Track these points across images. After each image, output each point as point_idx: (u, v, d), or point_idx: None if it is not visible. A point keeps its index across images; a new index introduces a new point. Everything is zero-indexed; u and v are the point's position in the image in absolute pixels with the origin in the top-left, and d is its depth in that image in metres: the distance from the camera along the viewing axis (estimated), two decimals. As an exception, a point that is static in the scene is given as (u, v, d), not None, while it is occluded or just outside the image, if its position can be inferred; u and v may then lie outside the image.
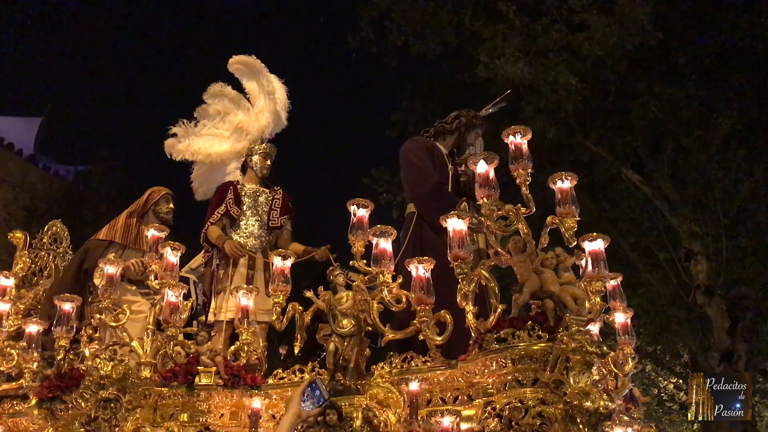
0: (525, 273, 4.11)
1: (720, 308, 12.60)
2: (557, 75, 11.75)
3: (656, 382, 17.53)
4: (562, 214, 4.24)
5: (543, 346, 3.86)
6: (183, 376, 4.63)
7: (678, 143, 12.76)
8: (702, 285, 12.67)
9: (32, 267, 6.67)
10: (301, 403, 3.39)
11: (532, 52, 12.22)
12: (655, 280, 13.87)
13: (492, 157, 4.30)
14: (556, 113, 12.43)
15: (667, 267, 13.54)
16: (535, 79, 11.96)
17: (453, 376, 4.24)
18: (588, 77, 12.31)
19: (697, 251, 12.74)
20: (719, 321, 12.57)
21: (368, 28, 13.94)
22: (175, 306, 4.63)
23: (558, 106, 12.20)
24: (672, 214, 12.92)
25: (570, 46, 12.05)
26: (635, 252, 14.03)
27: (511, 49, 12.07)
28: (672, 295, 13.49)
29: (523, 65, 11.94)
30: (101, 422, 4.37)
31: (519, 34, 12.27)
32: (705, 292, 12.64)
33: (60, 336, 4.78)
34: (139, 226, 6.05)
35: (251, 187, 6.29)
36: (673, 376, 17.06)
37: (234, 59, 6.56)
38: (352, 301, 4.48)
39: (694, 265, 12.79)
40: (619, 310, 5.17)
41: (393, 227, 4.59)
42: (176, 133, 6.70)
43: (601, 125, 13.06)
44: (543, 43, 12.13)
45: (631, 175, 13.17)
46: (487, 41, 12.48)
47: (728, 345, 12.47)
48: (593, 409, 3.64)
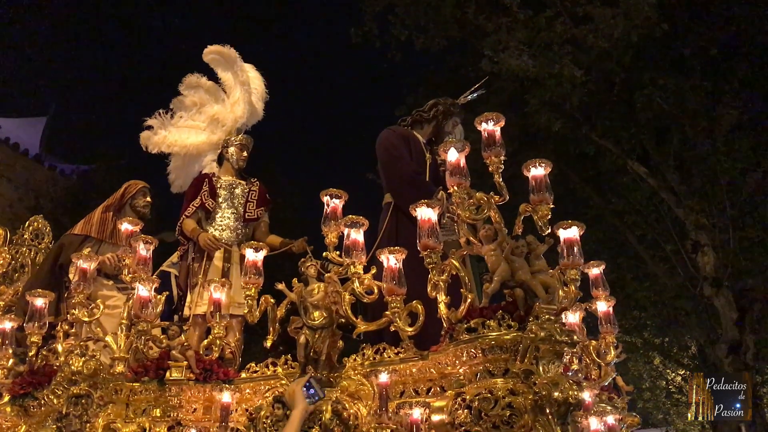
0: (496, 262, 4.03)
1: (728, 300, 12.49)
2: (562, 68, 11.70)
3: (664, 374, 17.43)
4: (536, 202, 4.16)
5: (513, 336, 3.78)
6: (154, 371, 4.59)
7: (684, 135, 12.69)
8: (709, 277, 12.57)
9: (13, 263, 6.59)
10: (305, 397, 3.44)
11: (537, 45, 12.17)
12: (661, 272, 13.77)
13: (463, 145, 4.23)
14: (561, 106, 12.42)
15: (673, 259, 13.43)
16: (540, 72, 11.92)
17: (425, 368, 4.18)
18: (593, 70, 12.27)
19: (704, 243, 12.64)
20: (727, 312, 12.47)
21: (371, 23, 13.96)
22: (146, 300, 4.58)
23: (563, 99, 12.19)
24: (678, 206, 12.81)
25: (574, 39, 12.00)
26: (642, 244, 13.98)
27: (515, 42, 12.06)
28: (679, 287, 13.39)
29: (527, 58, 11.91)
30: (72, 418, 4.33)
31: (523, 27, 12.24)
32: (712, 283, 12.53)
33: (32, 332, 4.76)
34: (115, 221, 5.95)
35: (227, 180, 6.24)
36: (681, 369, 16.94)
37: (209, 49, 6.50)
38: (324, 293, 4.43)
39: (701, 257, 12.69)
40: (601, 299, 5.06)
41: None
42: (152, 125, 6.65)
43: (606, 118, 13.00)
44: (547, 35, 12.08)
45: (637, 167, 13.07)
46: (491, 35, 12.46)
47: (736, 337, 12.36)
48: (562, 399, 3.56)
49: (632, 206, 13.62)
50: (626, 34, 11.44)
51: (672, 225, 13.29)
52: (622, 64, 12.36)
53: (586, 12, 11.65)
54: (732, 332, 12.40)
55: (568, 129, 12.78)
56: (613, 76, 12.59)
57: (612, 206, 13.85)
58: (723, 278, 12.52)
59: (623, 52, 12.08)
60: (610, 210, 13.88)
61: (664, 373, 17.55)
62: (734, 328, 12.39)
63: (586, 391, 4.31)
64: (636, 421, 5.45)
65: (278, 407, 4.13)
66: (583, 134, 13.02)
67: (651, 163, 13.13)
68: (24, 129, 21.84)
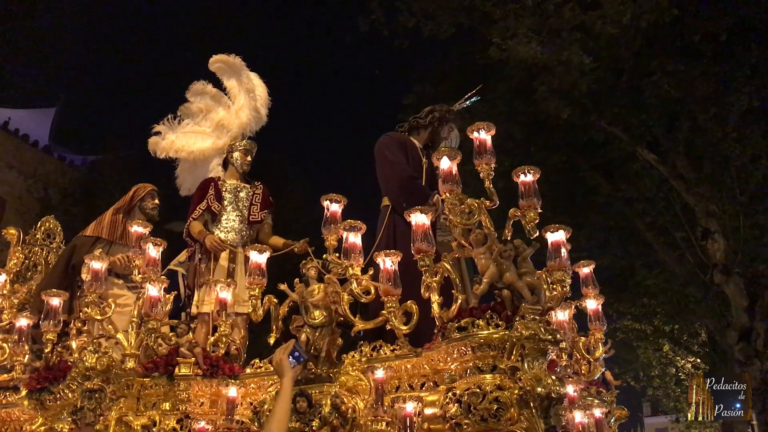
0: (485, 264, 4.22)
1: (738, 286, 12.58)
2: (570, 55, 11.75)
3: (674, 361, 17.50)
4: (525, 207, 4.33)
5: (500, 335, 3.97)
6: (164, 367, 4.84)
7: (694, 121, 12.69)
8: (719, 263, 12.66)
9: (26, 262, 6.81)
10: (290, 365, 3.60)
11: (545, 32, 12.21)
12: (671, 259, 13.86)
13: (455, 154, 4.42)
14: (570, 93, 12.42)
15: (683, 246, 13.53)
16: (548, 59, 11.98)
17: (419, 364, 4.38)
18: (602, 56, 12.27)
19: (714, 230, 12.71)
20: (737, 299, 12.56)
21: (379, 11, 13.94)
22: (155, 300, 4.81)
23: (572, 86, 12.19)
24: (688, 193, 12.87)
25: (583, 25, 12.00)
26: (651, 231, 14.04)
27: (523, 29, 12.09)
28: (689, 274, 13.49)
29: (535, 45, 11.97)
30: (87, 412, 4.58)
31: (531, 14, 12.27)
32: (722, 270, 12.63)
33: (47, 330, 5.00)
34: (125, 222, 6.22)
35: (232, 183, 6.42)
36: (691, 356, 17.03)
37: (214, 58, 6.68)
38: (324, 293, 4.64)
39: (711, 244, 12.76)
40: (590, 297, 5.25)
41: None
42: (160, 131, 6.88)
43: (615, 104, 13.00)
44: (556, 22, 12.10)
45: (647, 154, 13.13)
46: (499, 22, 12.47)
47: (747, 323, 12.46)
48: (545, 393, 3.79)
49: (642, 193, 13.68)
50: (635, 20, 11.47)
51: (682, 212, 13.36)
52: (631, 51, 12.38)
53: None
54: (742, 319, 12.50)
55: (577, 116, 12.80)
56: (622, 62, 12.61)
57: (621, 193, 13.88)
58: (733, 265, 12.62)
59: (632, 39, 12.10)
60: (619, 197, 13.92)
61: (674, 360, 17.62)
62: (744, 314, 12.50)
63: (570, 385, 4.51)
64: (624, 413, 5.62)
65: (280, 401, 4.34)
66: (592, 121, 13.06)
67: (660, 149, 13.18)
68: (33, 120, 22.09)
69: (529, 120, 13.48)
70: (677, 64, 12.18)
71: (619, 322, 16.15)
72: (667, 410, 20.82)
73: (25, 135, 20.84)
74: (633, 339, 16.52)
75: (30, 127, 21.18)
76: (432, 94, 14.40)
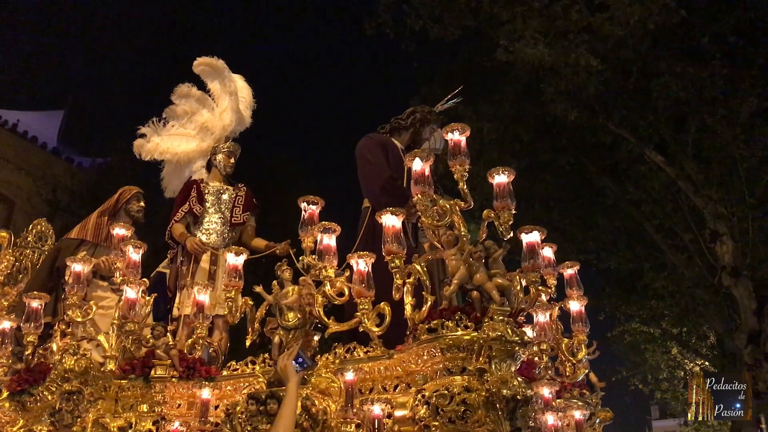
0: (456, 266, 4.22)
1: (746, 289, 12.48)
2: (578, 56, 11.72)
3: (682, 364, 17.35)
4: (499, 208, 4.32)
5: (470, 336, 3.97)
6: (140, 369, 4.86)
7: (702, 123, 12.58)
8: (728, 266, 12.55)
9: (17, 265, 6.86)
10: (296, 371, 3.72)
11: (552, 34, 12.19)
12: (679, 262, 13.78)
13: (428, 155, 4.42)
14: (578, 95, 12.43)
15: (692, 248, 13.43)
16: (556, 61, 11.94)
17: (392, 366, 4.37)
18: (609, 58, 12.26)
19: (723, 232, 12.62)
20: (746, 302, 12.46)
21: (386, 13, 13.97)
22: (133, 302, 4.85)
23: (579, 88, 12.20)
24: (696, 195, 12.79)
25: (590, 27, 11.98)
26: (659, 234, 13.96)
27: (530, 31, 12.07)
28: (697, 276, 13.41)
29: (543, 47, 11.92)
30: (65, 413, 4.61)
31: (538, 16, 12.25)
32: (731, 273, 12.53)
33: (28, 332, 5.05)
34: (110, 225, 6.24)
35: (215, 185, 6.47)
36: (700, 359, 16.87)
37: (198, 61, 6.74)
38: (297, 295, 4.65)
39: (719, 246, 12.67)
40: (574, 298, 5.23)
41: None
42: (145, 133, 6.93)
43: (623, 106, 13.02)
44: (563, 24, 12.12)
45: (655, 156, 13.06)
46: (506, 24, 12.48)
47: (755, 326, 12.36)
48: (510, 395, 3.77)
49: (650, 195, 13.61)
50: (643, 22, 11.42)
51: (690, 214, 13.26)
52: (638, 52, 12.34)
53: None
54: (751, 322, 12.39)
55: (585, 118, 12.79)
56: (630, 64, 12.58)
57: (629, 195, 13.84)
58: (742, 268, 12.50)
59: (640, 40, 12.07)
60: (627, 199, 13.88)
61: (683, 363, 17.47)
62: (753, 317, 12.39)
63: (546, 387, 4.48)
64: (609, 416, 5.58)
65: (252, 403, 4.35)
66: (600, 123, 13.04)
67: (669, 151, 13.10)
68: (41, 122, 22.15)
69: (537, 122, 13.45)
70: (685, 66, 12.11)
71: (627, 325, 16.07)
72: (675, 413, 20.65)
73: (33, 137, 20.91)
74: (641, 342, 16.42)
75: (38, 130, 21.25)
76: (439, 96, 14.36)
